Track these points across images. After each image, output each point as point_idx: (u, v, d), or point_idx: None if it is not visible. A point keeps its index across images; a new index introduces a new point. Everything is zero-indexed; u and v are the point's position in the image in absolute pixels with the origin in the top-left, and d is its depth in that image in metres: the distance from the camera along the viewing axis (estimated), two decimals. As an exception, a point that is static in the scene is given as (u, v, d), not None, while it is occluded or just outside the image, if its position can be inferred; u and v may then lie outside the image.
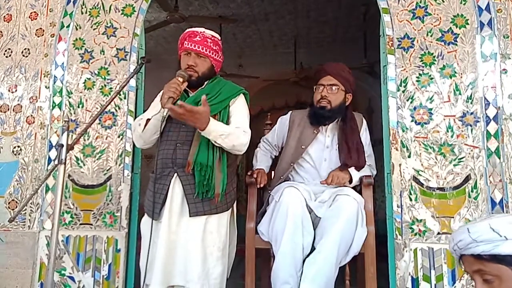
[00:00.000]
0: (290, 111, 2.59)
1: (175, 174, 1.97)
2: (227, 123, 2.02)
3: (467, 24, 2.43)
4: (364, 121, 2.53)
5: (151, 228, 1.91)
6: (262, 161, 2.56)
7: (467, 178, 2.30)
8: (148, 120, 2.03)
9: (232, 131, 1.94)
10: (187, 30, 2.11)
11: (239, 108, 2.07)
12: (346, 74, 2.44)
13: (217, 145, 1.94)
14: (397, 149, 2.39)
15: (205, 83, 2.10)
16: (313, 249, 2.10)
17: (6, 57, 2.89)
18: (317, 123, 2.42)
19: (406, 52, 2.47)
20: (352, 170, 2.34)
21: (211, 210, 1.95)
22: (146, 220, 2.04)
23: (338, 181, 2.29)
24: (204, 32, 2.08)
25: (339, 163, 2.37)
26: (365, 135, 2.49)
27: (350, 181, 2.35)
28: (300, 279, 2.01)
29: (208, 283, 1.90)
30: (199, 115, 1.83)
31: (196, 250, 1.90)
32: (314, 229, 2.14)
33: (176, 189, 1.96)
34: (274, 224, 2.14)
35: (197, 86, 2.08)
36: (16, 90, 2.83)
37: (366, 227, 2.17)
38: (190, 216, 1.93)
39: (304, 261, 2.06)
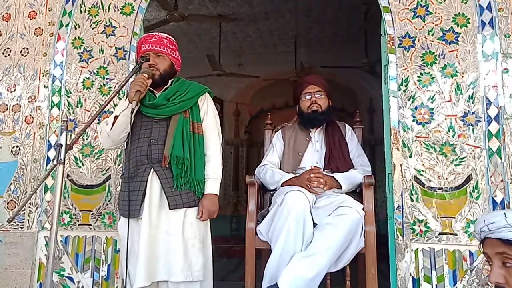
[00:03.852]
0: (280, 128, 2.75)
1: (152, 170, 2.01)
2: (200, 120, 2.14)
3: (468, 23, 2.41)
4: (348, 127, 2.67)
5: (128, 229, 1.91)
6: (282, 172, 2.48)
7: (469, 178, 2.29)
8: (116, 118, 2.05)
9: (218, 172, 2.11)
10: (143, 35, 2.22)
11: (210, 119, 2.17)
12: (325, 82, 2.64)
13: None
14: (398, 149, 2.37)
15: (170, 81, 2.18)
16: None
17: (5, 56, 2.88)
18: (311, 126, 2.57)
19: (407, 51, 2.46)
20: (337, 175, 2.36)
21: (189, 203, 2.01)
22: (123, 222, 2.04)
23: (320, 182, 2.28)
24: (158, 34, 2.20)
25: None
26: (351, 138, 2.61)
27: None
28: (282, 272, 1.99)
29: (192, 274, 1.95)
30: (214, 212, 2.06)
31: (177, 243, 1.94)
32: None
33: (154, 184, 2.00)
34: (276, 225, 2.13)
35: (162, 85, 2.16)
36: (14, 90, 2.82)
37: (363, 238, 2.15)
38: (170, 209, 1.97)
39: None
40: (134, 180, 2.02)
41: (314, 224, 2.15)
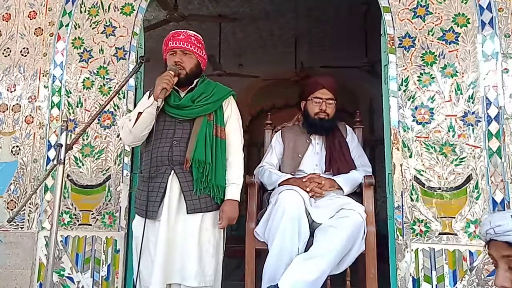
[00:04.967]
0: (280, 129, 2.73)
1: (172, 172, 1.98)
2: (224, 123, 2.10)
3: (468, 23, 2.41)
4: (348, 128, 2.66)
5: (144, 229, 1.89)
6: (279, 173, 2.49)
7: (469, 178, 2.29)
8: (139, 114, 2.03)
9: (240, 177, 2.08)
10: (170, 32, 2.16)
11: (233, 123, 2.14)
12: (337, 87, 2.59)
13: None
14: (398, 149, 2.37)
15: (195, 82, 2.13)
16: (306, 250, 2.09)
17: (5, 56, 2.87)
18: (315, 132, 2.55)
19: (407, 51, 2.45)
20: (337, 177, 2.37)
21: (207, 208, 1.99)
22: (139, 221, 2.02)
23: (318, 185, 2.29)
24: (186, 31, 2.15)
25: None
26: (352, 139, 2.60)
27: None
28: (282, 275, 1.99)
29: (205, 279, 1.93)
30: (234, 219, 2.03)
31: (193, 248, 1.93)
32: (310, 232, 2.14)
33: (173, 187, 1.97)
34: (271, 225, 2.13)
35: (187, 84, 2.11)
36: (15, 90, 2.82)
37: (364, 241, 2.15)
38: (187, 213, 1.95)
39: None
40: (154, 181, 1.98)
41: (312, 222, 2.15)
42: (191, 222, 1.95)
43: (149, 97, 2.06)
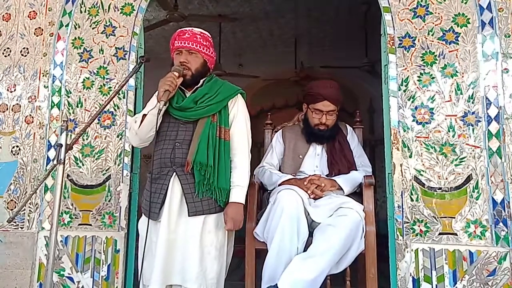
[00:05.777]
0: (280, 129, 2.73)
1: (174, 174, 1.97)
2: (229, 124, 2.04)
3: (469, 23, 2.41)
4: (349, 127, 2.66)
5: (147, 229, 1.88)
6: (280, 174, 2.48)
7: (469, 178, 2.29)
8: (144, 116, 2.02)
9: (245, 180, 2.03)
10: (177, 30, 2.12)
11: (239, 123, 2.08)
12: (340, 97, 2.54)
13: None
14: (398, 149, 2.37)
15: (201, 81, 2.09)
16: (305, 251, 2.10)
17: (5, 56, 2.88)
18: (315, 141, 2.54)
19: (407, 51, 2.45)
20: (338, 178, 2.37)
21: (209, 210, 1.96)
22: (143, 220, 2.03)
23: (318, 187, 2.29)
24: (192, 29, 2.09)
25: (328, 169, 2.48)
26: (352, 139, 2.60)
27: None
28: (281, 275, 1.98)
29: (206, 282, 1.91)
30: (239, 222, 2.00)
31: (194, 250, 1.91)
32: (310, 232, 2.14)
33: (175, 189, 1.96)
34: (270, 224, 2.14)
35: (193, 84, 2.08)
36: (14, 90, 2.82)
37: (364, 240, 2.15)
38: (189, 216, 1.93)
39: None
40: (157, 182, 1.97)
41: (311, 222, 2.15)
42: (193, 224, 1.93)
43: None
